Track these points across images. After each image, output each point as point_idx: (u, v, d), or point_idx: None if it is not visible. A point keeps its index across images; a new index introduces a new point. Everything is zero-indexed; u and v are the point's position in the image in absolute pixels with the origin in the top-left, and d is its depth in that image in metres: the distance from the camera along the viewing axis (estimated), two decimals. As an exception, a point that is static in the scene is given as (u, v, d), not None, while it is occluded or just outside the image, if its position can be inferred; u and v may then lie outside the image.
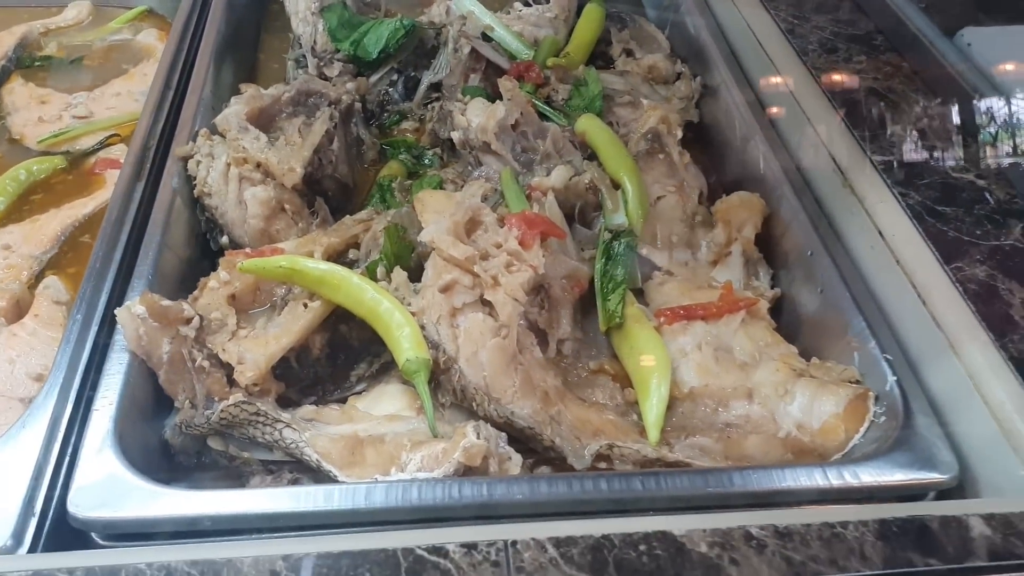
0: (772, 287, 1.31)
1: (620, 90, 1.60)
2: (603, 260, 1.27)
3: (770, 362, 1.16)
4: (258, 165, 1.30)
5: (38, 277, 1.33)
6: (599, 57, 1.78)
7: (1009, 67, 1.39)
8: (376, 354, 1.18)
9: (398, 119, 1.66)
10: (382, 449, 0.99)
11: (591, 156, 1.45)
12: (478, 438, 0.97)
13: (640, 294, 1.29)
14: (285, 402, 1.11)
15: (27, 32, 1.83)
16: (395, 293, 1.13)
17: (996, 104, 1.33)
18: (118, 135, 1.59)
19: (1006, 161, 1.26)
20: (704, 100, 1.64)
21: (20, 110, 1.64)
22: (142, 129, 1.41)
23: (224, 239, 1.30)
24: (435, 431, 1.01)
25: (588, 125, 1.45)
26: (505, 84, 1.47)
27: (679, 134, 1.47)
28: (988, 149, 1.28)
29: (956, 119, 1.33)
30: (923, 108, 1.38)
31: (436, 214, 1.21)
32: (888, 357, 1.09)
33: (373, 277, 1.17)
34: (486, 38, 1.64)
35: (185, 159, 1.33)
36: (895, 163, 1.26)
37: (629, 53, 1.74)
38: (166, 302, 1.08)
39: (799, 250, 1.29)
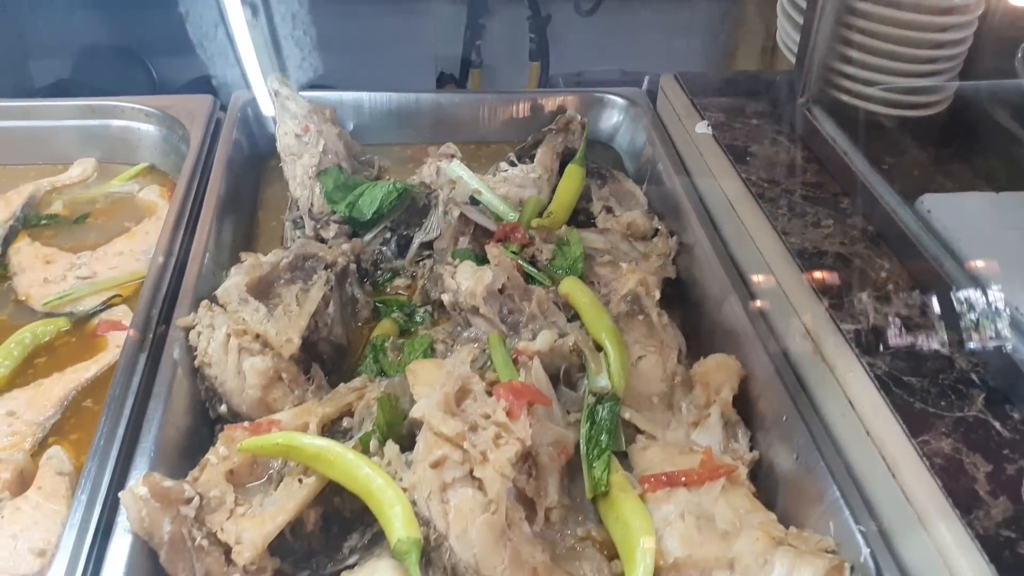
0: (751, 449, 1.36)
1: (600, 249, 1.68)
2: (588, 424, 1.32)
3: (750, 531, 1.20)
4: (257, 336, 1.36)
5: (41, 444, 1.38)
6: (580, 212, 1.87)
7: (966, 233, 1.47)
8: (368, 524, 1.21)
9: (391, 276, 1.73)
10: (375, 633, 1.02)
11: (574, 316, 1.52)
12: (470, 622, 1.01)
13: (623, 455, 1.34)
14: (280, 576, 1.15)
15: (34, 191, 1.91)
16: (387, 468, 1.18)
17: (956, 271, 1.41)
18: (120, 295, 1.66)
19: (971, 329, 1.33)
20: (680, 256, 1.72)
21: (26, 270, 1.71)
22: (146, 297, 1.47)
23: (223, 407, 1.35)
24: (427, 613, 1.05)
25: (571, 288, 1.53)
26: (492, 251, 1.55)
27: (657, 295, 1.55)
28: (952, 316, 1.35)
29: (920, 286, 1.41)
30: (888, 275, 1.46)
31: (427, 386, 1.27)
32: (862, 529, 1.14)
33: (366, 450, 1.22)
34: (474, 201, 1.73)
35: (187, 329, 1.39)
36: (862, 332, 1.33)
37: (609, 210, 1.83)
38: (168, 482, 1.12)
39: (775, 414, 1.35)
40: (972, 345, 1.31)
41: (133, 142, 2.03)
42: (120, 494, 1.10)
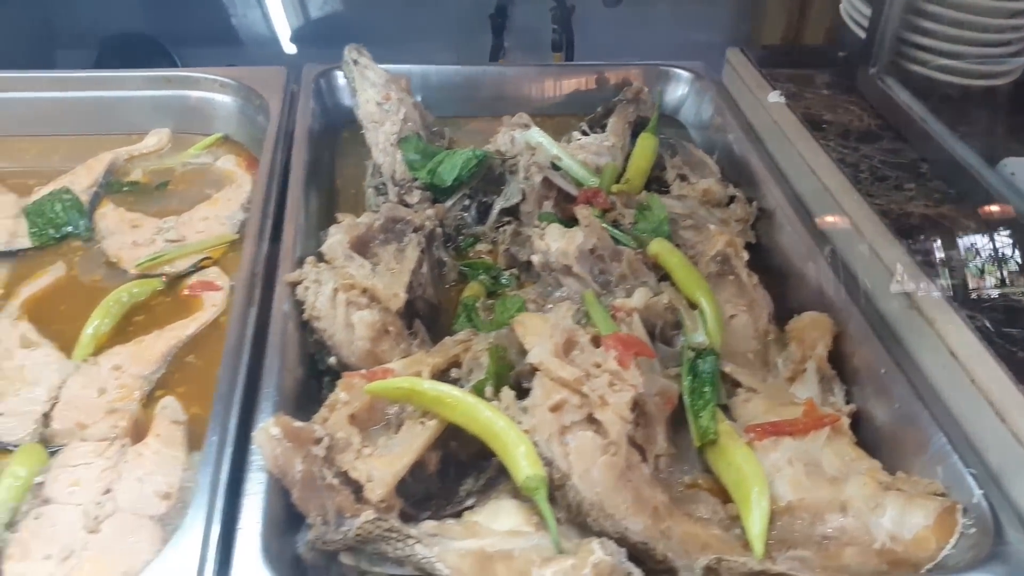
0: (847, 403, 1.39)
1: (682, 214, 1.71)
2: (690, 377, 1.35)
3: (858, 476, 1.23)
4: (364, 291, 1.39)
5: (148, 396, 1.40)
6: (654, 182, 1.89)
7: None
8: (482, 469, 1.24)
9: (472, 241, 1.76)
10: (512, 565, 1.05)
11: (662, 278, 1.54)
12: (605, 554, 1.03)
13: (724, 410, 1.37)
14: (403, 517, 1.17)
15: (114, 159, 1.93)
16: (504, 412, 1.21)
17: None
18: (210, 258, 1.69)
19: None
20: (759, 223, 1.75)
21: (114, 234, 1.73)
22: (247, 256, 1.50)
23: (332, 359, 1.37)
24: (560, 547, 1.07)
25: (660, 248, 1.55)
26: (582, 211, 1.58)
27: (745, 256, 1.57)
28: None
29: (1010, 244, 1.43)
30: (974, 233, 1.49)
31: (536, 336, 1.29)
32: (973, 472, 1.17)
33: (480, 396, 1.25)
34: (554, 167, 1.75)
35: (293, 285, 1.42)
36: (957, 286, 1.36)
37: (683, 178, 1.86)
38: (298, 423, 1.15)
39: (870, 368, 1.38)
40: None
41: (207, 112, 2.05)
42: (254, 433, 1.13)
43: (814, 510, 1.20)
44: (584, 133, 1.96)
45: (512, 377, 1.31)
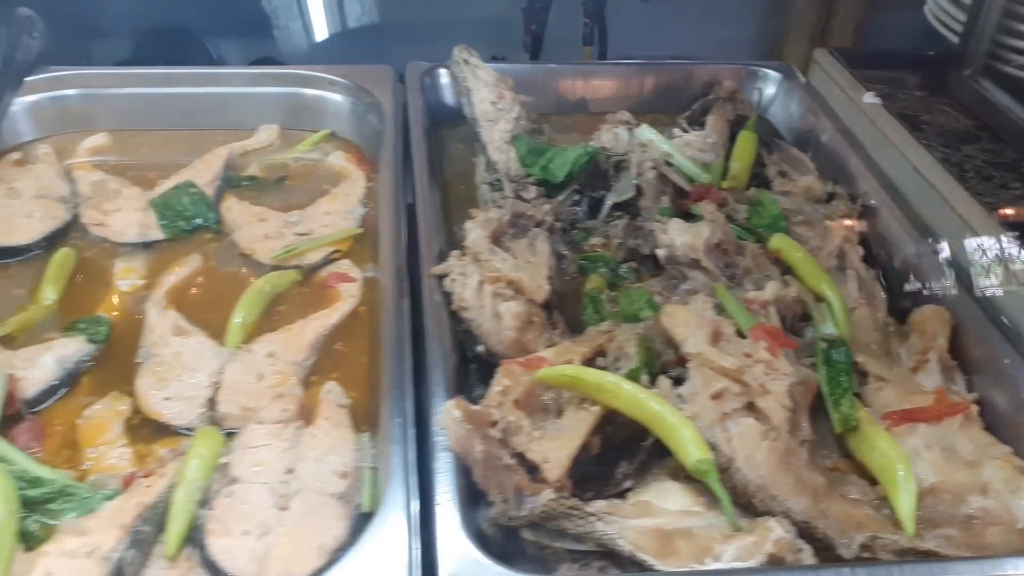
0: (969, 391, 1.46)
1: (790, 209, 1.77)
2: (825, 368, 1.42)
3: (993, 460, 1.30)
4: (510, 282, 1.46)
5: (304, 382, 1.47)
6: (754, 179, 1.96)
7: None
8: (634, 452, 1.31)
9: (585, 235, 1.82)
10: (693, 541, 1.12)
11: (784, 271, 1.61)
12: (784, 532, 1.11)
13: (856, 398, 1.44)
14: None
15: (229, 154, 2.00)
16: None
17: None
18: (339, 250, 1.76)
19: None
20: (862, 220, 1.81)
21: (242, 227, 1.80)
22: (388, 250, 1.57)
23: (480, 348, 1.44)
24: (737, 525, 1.14)
25: (782, 243, 1.62)
26: (707, 207, 1.65)
27: (861, 251, 1.64)
28: None
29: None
30: (1087, 230, 1.55)
31: (686, 327, 1.36)
32: (1112, 458, 1.24)
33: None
34: (666, 163, 1.82)
35: (439, 277, 1.49)
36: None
37: (783, 175, 1.92)
38: (474, 407, 1.22)
39: (991, 357, 1.45)
40: None
41: (313, 109, 2.11)
42: (438, 416, 1.20)
43: (955, 492, 1.27)
44: (683, 130, 2.02)
45: (657, 366, 1.38)
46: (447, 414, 1.20)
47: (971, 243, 1.59)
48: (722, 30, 3.55)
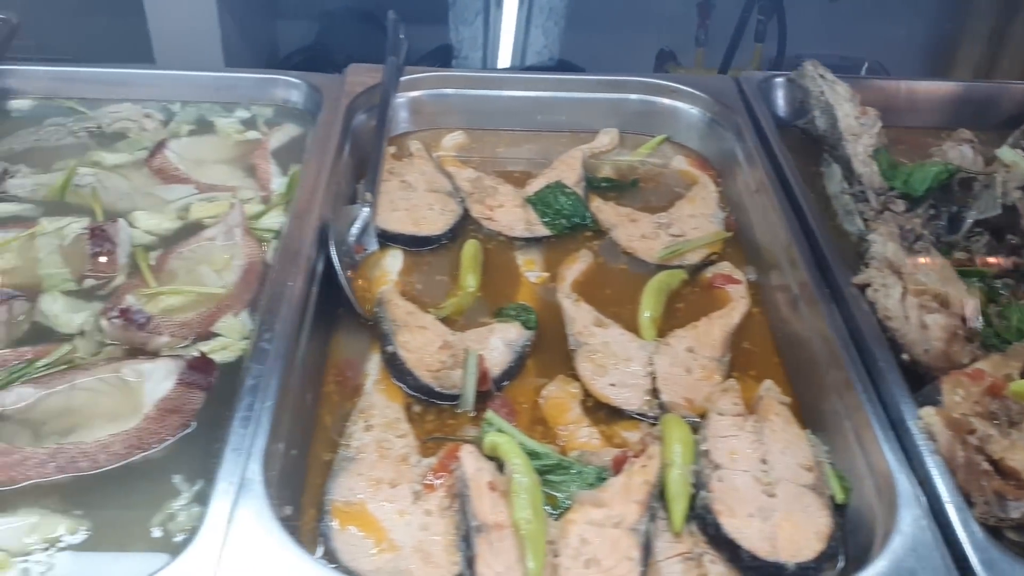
0: None
1: None
2: None
3: None
4: (936, 295, 1.55)
5: (724, 378, 1.59)
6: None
7: None
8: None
9: (947, 250, 1.89)
10: None
11: None
12: None
13: None
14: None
15: (583, 156, 2.13)
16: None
17: None
18: (716, 252, 1.87)
19: None
20: None
21: (617, 226, 1.93)
22: (803, 258, 1.67)
23: (904, 356, 1.54)
24: None
25: None
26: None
27: None
28: None
29: None
30: None
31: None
32: None
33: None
34: (1029, 184, 1.88)
35: (861, 287, 1.59)
36: None
37: None
38: (955, 414, 1.32)
39: None
40: None
41: (651, 115, 2.23)
42: (920, 422, 1.31)
43: None
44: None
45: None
46: (924, 420, 1.30)
47: None
48: (891, 31, 3.53)
